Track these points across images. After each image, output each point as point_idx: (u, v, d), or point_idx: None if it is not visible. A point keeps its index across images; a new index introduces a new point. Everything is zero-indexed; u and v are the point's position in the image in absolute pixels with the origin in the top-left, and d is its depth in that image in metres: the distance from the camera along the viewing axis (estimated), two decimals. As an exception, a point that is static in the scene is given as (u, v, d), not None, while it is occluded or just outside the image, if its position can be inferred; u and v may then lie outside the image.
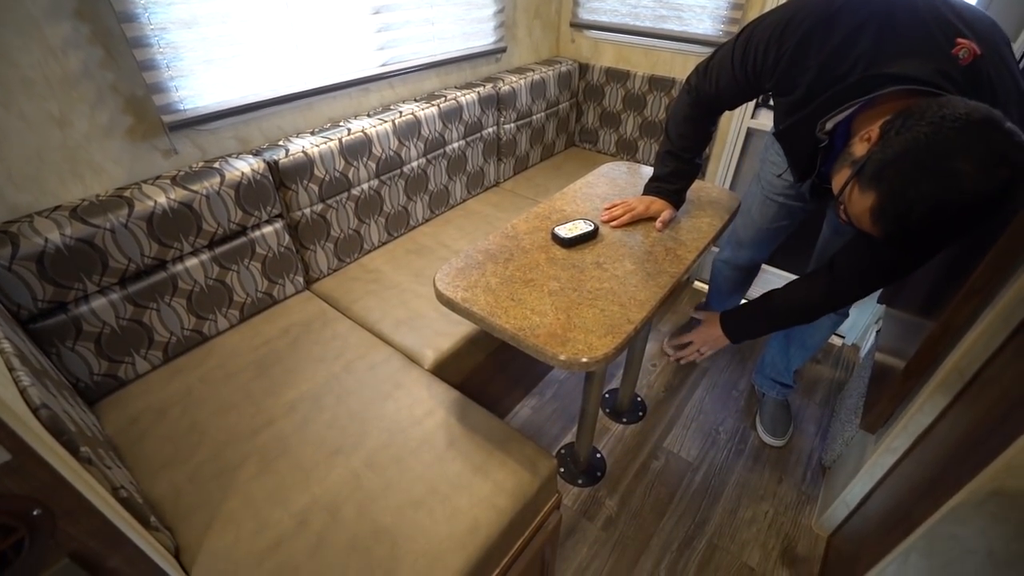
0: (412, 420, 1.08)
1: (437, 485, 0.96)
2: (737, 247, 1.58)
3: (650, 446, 1.62)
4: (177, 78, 1.16)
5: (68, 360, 1.07)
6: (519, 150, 2.09)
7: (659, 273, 1.02)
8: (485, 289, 0.97)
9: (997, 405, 0.78)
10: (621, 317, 0.90)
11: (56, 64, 1.00)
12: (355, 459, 1.00)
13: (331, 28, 1.44)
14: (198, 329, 1.26)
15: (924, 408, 1.01)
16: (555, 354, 0.83)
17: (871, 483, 1.19)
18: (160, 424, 1.08)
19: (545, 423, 1.68)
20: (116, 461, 0.92)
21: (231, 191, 1.21)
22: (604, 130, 2.28)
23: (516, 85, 1.93)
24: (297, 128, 1.46)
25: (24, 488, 0.59)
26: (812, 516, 1.44)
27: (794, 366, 1.58)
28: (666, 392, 1.80)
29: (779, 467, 1.57)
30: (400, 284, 1.49)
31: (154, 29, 1.09)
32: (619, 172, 1.45)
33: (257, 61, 1.30)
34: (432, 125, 1.66)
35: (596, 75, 2.19)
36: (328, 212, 1.45)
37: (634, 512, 1.44)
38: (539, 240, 1.12)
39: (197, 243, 1.20)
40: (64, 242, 1.00)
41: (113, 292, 1.10)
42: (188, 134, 1.23)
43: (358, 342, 1.28)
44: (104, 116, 1.09)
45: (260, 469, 0.98)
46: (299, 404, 1.11)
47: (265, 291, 1.37)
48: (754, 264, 1.65)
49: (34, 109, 0.99)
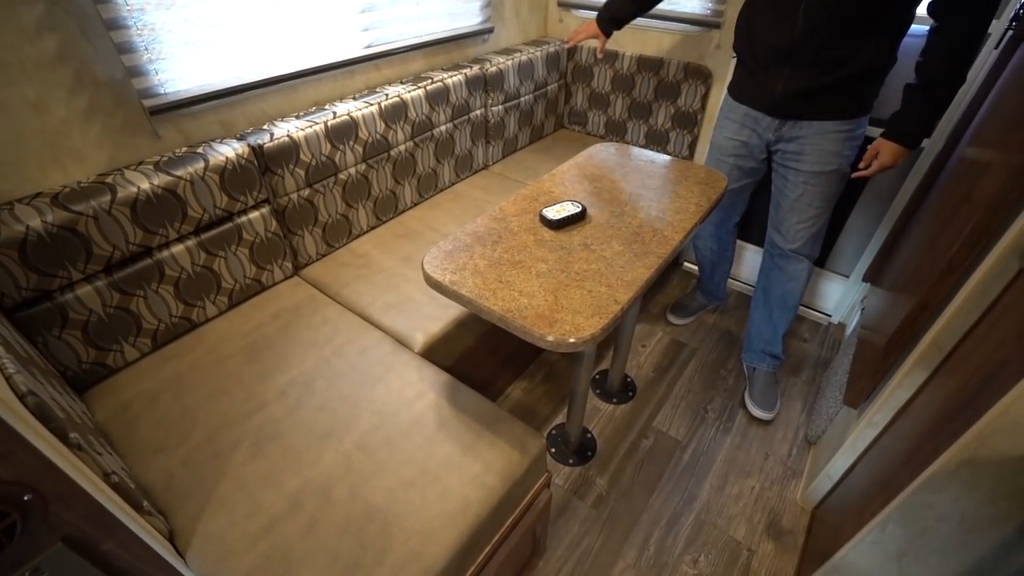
0: (403, 403, 1.09)
1: (428, 465, 0.97)
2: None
3: (640, 425, 1.65)
4: (157, 61, 1.14)
5: (55, 348, 1.07)
6: (507, 132, 2.08)
7: (646, 254, 1.03)
8: (473, 272, 0.97)
9: (972, 378, 0.81)
10: (608, 298, 0.91)
11: (30, 47, 0.98)
12: (346, 442, 1.01)
13: (315, 9, 1.41)
14: (187, 316, 1.26)
15: (904, 383, 1.03)
16: (543, 335, 0.84)
17: (853, 457, 1.22)
18: (152, 410, 1.08)
19: (536, 404, 1.70)
20: (107, 448, 0.92)
21: (215, 176, 1.20)
22: (593, 111, 2.27)
23: (504, 66, 1.91)
24: (282, 112, 1.44)
25: (13, 474, 0.59)
26: (797, 490, 1.48)
27: (781, 331, 1.64)
28: (656, 372, 1.83)
29: (765, 444, 1.60)
30: (389, 268, 1.49)
31: (131, 10, 1.06)
32: (608, 153, 1.45)
33: (239, 43, 1.28)
34: (419, 108, 1.64)
35: (584, 56, 2.17)
36: (315, 197, 1.44)
37: (624, 490, 1.47)
38: (527, 222, 1.12)
39: (183, 229, 1.19)
40: (46, 229, 0.99)
41: (98, 279, 1.09)
42: (170, 118, 1.21)
43: (348, 326, 1.29)
44: (82, 101, 1.07)
45: (252, 453, 0.99)
46: (290, 388, 1.12)
47: (253, 277, 1.37)
48: (727, 228, 1.74)
49: (9, 94, 0.98)
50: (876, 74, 1.24)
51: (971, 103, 1.32)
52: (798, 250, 1.50)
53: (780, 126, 1.37)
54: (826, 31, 1.17)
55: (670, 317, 2.03)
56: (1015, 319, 0.75)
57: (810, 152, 1.35)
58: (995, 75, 1.24)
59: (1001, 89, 1.16)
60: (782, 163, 1.44)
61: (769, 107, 1.36)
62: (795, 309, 1.61)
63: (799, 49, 1.22)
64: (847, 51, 1.19)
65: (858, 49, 1.18)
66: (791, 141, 1.37)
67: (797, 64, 1.25)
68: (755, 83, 1.37)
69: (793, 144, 1.37)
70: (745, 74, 1.41)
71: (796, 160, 1.39)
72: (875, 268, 1.64)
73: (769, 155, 1.48)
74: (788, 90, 1.29)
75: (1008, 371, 0.70)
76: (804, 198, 1.42)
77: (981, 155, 1.05)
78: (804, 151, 1.36)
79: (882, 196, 1.74)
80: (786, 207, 1.47)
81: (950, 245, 0.95)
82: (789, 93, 1.29)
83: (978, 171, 1.02)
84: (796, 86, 1.27)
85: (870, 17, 1.14)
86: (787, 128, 1.36)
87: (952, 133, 1.38)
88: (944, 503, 0.79)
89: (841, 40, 1.18)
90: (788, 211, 1.47)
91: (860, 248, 1.86)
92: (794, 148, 1.38)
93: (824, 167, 1.35)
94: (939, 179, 1.38)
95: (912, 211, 1.49)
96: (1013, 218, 0.82)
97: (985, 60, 1.37)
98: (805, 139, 1.35)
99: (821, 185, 1.38)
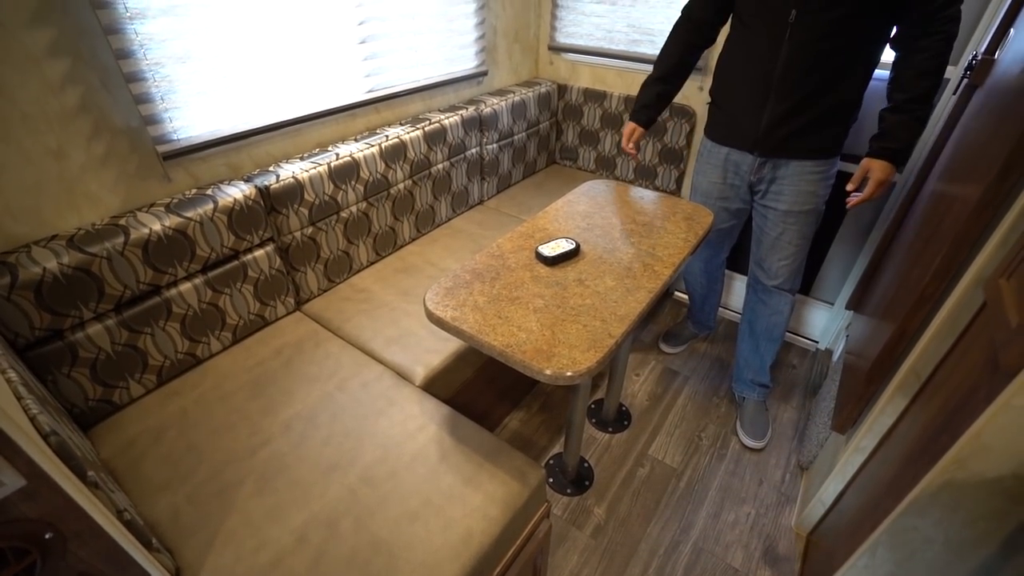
0: (405, 435, 1.12)
1: (431, 497, 1.00)
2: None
3: (636, 454, 1.67)
4: (171, 110, 1.20)
5: (63, 386, 1.09)
6: (502, 169, 2.16)
7: (638, 288, 1.08)
8: (473, 308, 1.02)
9: (947, 403, 0.85)
10: (603, 332, 0.96)
11: (54, 100, 1.03)
12: (351, 475, 1.03)
13: (319, 58, 1.49)
14: (192, 352, 1.29)
15: (886, 409, 1.08)
16: (541, 369, 0.88)
17: (844, 482, 1.26)
18: (157, 446, 1.10)
19: (533, 434, 1.72)
20: (114, 484, 0.94)
21: (224, 216, 1.25)
22: (583, 148, 2.37)
23: (498, 107, 2.00)
24: (286, 154, 1.51)
25: (37, 512, 0.62)
26: (792, 516, 1.50)
27: (768, 361, 1.68)
28: (650, 401, 1.86)
29: (759, 470, 1.63)
30: (390, 303, 1.53)
31: (149, 64, 1.13)
32: (599, 190, 1.52)
33: (248, 91, 1.35)
34: (417, 147, 1.71)
35: (574, 95, 2.28)
36: (318, 234, 1.49)
37: (622, 519, 1.48)
38: (524, 259, 1.17)
39: (191, 268, 1.23)
40: (62, 271, 1.02)
41: (108, 318, 1.12)
42: (181, 162, 1.27)
43: (350, 361, 1.32)
44: (100, 147, 1.12)
45: (258, 488, 1.01)
46: (294, 423, 1.14)
47: (257, 313, 1.40)
48: (715, 263, 1.81)
49: (33, 143, 1.03)
50: (849, 113, 1.31)
51: (936, 141, 1.41)
52: (780, 286, 1.56)
53: (761, 166, 1.43)
54: (808, 62, 1.24)
55: (662, 346, 2.08)
56: (982, 348, 0.80)
57: (789, 192, 1.41)
58: (956, 115, 1.33)
59: (960, 132, 1.25)
60: (762, 203, 1.49)
61: (752, 146, 1.41)
62: (781, 340, 1.66)
63: (781, 82, 1.28)
64: (828, 85, 1.25)
65: (835, 87, 1.25)
66: (772, 182, 1.44)
67: (779, 98, 1.30)
68: (737, 124, 1.43)
69: (774, 184, 1.44)
70: (725, 116, 1.47)
71: (776, 200, 1.45)
72: (857, 296, 1.70)
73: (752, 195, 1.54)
74: (770, 128, 1.34)
75: (978, 397, 0.75)
76: (784, 236, 1.48)
77: (947, 190, 1.13)
78: (783, 191, 1.42)
79: (860, 227, 1.83)
80: (767, 245, 1.53)
81: (922, 276, 1.01)
82: (771, 131, 1.35)
83: (944, 206, 1.09)
84: (777, 124, 1.33)
85: (847, 55, 1.22)
86: (767, 169, 1.42)
87: (921, 169, 1.47)
88: (929, 526, 0.82)
89: (824, 73, 1.24)
90: (769, 249, 1.53)
91: (843, 277, 1.94)
92: (774, 188, 1.44)
93: (802, 206, 1.42)
94: (911, 211, 1.46)
95: (889, 242, 1.57)
96: (977, 252, 0.89)
97: (946, 104, 1.47)
98: (784, 179, 1.41)
99: (799, 224, 1.45)
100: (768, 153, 1.40)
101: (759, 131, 1.36)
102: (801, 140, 1.34)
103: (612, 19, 2.07)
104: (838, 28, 1.18)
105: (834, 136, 1.34)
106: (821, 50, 1.21)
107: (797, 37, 1.22)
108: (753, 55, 1.32)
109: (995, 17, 1.31)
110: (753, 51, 1.32)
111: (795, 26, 1.21)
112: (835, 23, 1.18)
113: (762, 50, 1.29)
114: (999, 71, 1.11)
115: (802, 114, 1.30)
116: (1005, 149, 0.81)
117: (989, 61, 1.20)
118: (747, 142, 1.42)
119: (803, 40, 1.22)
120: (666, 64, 1.50)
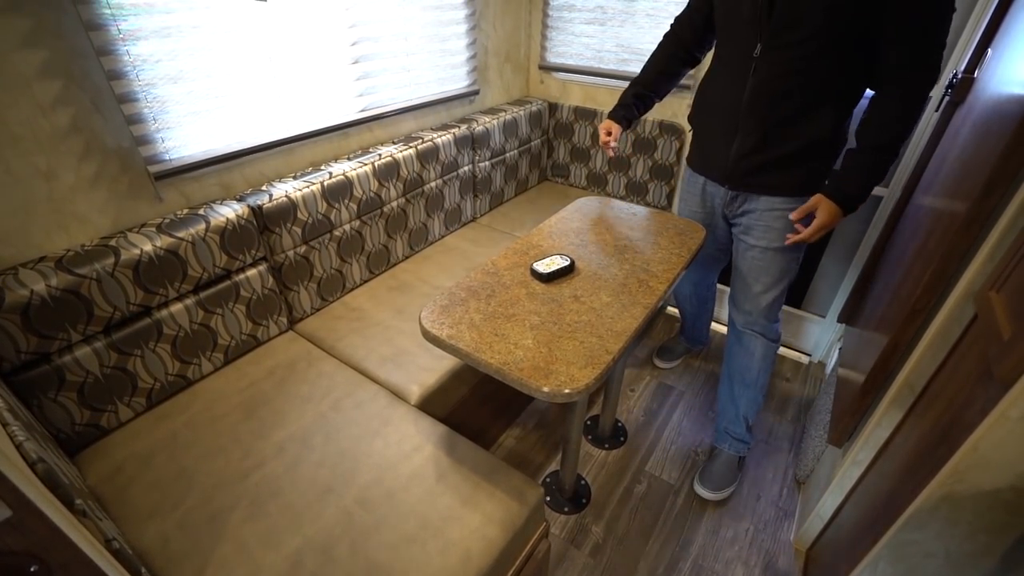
0: (401, 456, 1.10)
1: (429, 519, 0.98)
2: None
3: (633, 470, 1.66)
4: (163, 130, 1.20)
5: (49, 411, 1.06)
6: (494, 186, 2.17)
7: (633, 304, 1.09)
8: (469, 325, 1.01)
9: (942, 416, 0.86)
10: (600, 348, 0.96)
11: (45, 121, 1.03)
12: (347, 497, 1.01)
13: (312, 78, 1.50)
14: (182, 374, 1.26)
15: (882, 422, 1.08)
16: (539, 387, 0.88)
17: (841, 496, 1.25)
18: (146, 472, 1.07)
19: (530, 452, 1.70)
20: (102, 512, 0.91)
21: (216, 236, 1.24)
22: (575, 165, 2.39)
23: (490, 125, 2.02)
24: (279, 173, 1.51)
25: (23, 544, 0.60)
26: (790, 531, 1.49)
27: (742, 412, 1.55)
28: (645, 416, 1.85)
29: (756, 485, 1.62)
30: (383, 321, 1.52)
31: (142, 85, 1.13)
32: (592, 206, 1.53)
33: (241, 111, 1.35)
34: (410, 166, 1.72)
35: (565, 114, 2.31)
36: (311, 253, 1.48)
37: (620, 537, 1.47)
38: (519, 276, 1.18)
39: (182, 288, 1.21)
40: (50, 293, 1.01)
41: (97, 340, 1.10)
42: (173, 182, 1.26)
43: (344, 380, 1.30)
44: (91, 168, 1.11)
45: (251, 512, 0.99)
46: (288, 444, 1.12)
47: (249, 333, 1.39)
48: (706, 284, 1.81)
49: (22, 164, 1.02)
50: (825, 150, 1.23)
51: (921, 156, 1.44)
52: (749, 325, 1.47)
53: (733, 199, 1.38)
54: (772, 98, 1.19)
55: (657, 361, 2.08)
56: (974, 360, 0.81)
57: (758, 227, 1.35)
58: (940, 131, 1.37)
59: (943, 148, 1.27)
60: (736, 236, 1.45)
61: (721, 177, 1.37)
62: (757, 388, 1.52)
63: (747, 116, 1.23)
64: (795, 122, 1.19)
65: (806, 121, 1.19)
66: (743, 215, 1.38)
67: (745, 132, 1.25)
68: (709, 154, 1.39)
69: (744, 218, 1.39)
70: (699, 145, 1.44)
71: (746, 234, 1.39)
72: (848, 310, 1.72)
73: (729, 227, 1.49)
74: (739, 159, 1.29)
75: (973, 410, 0.75)
76: (752, 272, 1.41)
77: (934, 205, 1.15)
78: (753, 226, 1.36)
79: (848, 241, 1.85)
80: (739, 280, 1.46)
81: (913, 290, 1.03)
82: (738, 163, 1.29)
83: (932, 221, 1.11)
84: (745, 155, 1.27)
85: (815, 92, 1.15)
86: (739, 202, 1.37)
87: (908, 182, 1.50)
88: (929, 540, 0.82)
89: (788, 109, 1.19)
90: (740, 284, 1.46)
91: (834, 289, 1.96)
92: (745, 222, 1.39)
93: (771, 243, 1.35)
94: (900, 224, 1.48)
95: (878, 255, 1.59)
96: (966, 266, 0.90)
97: (929, 120, 1.51)
98: (753, 213, 1.35)
99: (767, 261, 1.37)
100: (738, 187, 1.35)
101: (728, 163, 1.32)
102: (769, 175, 1.28)
103: (601, 39, 2.11)
104: (804, 65, 1.13)
105: (808, 172, 1.25)
106: (788, 86, 1.16)
107: (762, 72, 1.18)
108: (723, 86, 1.29)
109: (973, 37, 1.35)
110: (723, 82, 1.29)
111: (760, 60, 1.17)
112: (801, 60, 1.12)
113: (729, 82, 1.25)
114: (979, 89, 1.14)
115: (770, 149, 1.24)
116: (988, 166, 0.83)
117: (969, 80, 1.23)
118: (719, 173, 1.38)
119: (767, 76, 1.17)
120: (647, 70, 1.50)
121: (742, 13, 1.18)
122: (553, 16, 2.19)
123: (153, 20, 1.12)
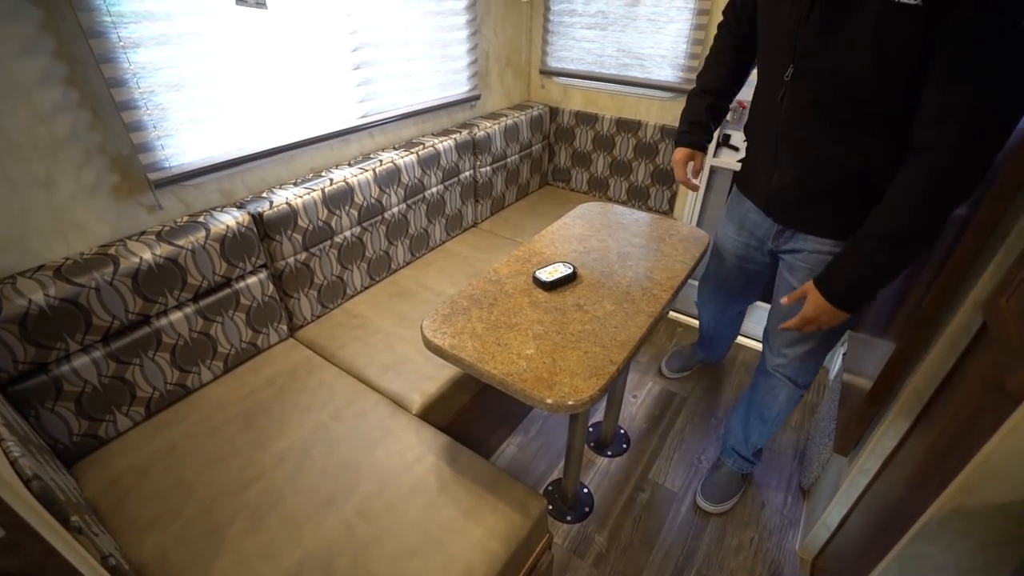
0: (403, 466, 1.09)
1: (431, 532, 0.96)
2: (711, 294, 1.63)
3: (635, 478, 1.64)
4: (163, 137, 1.19)
5: (47, 421, 1.05)
6: (495, 191, 2.16)
7: (637, 313, 1.08)
8: (472, 335, 1.00)
9: (951, 426, 0.85)
10: (604, 358, 0.94)
11: (44, 128, 1.02)
12: (348, 509, 1.00)
13: (313, 84, 1.49)
14: (181, 383, 1.25)
15: (889, 431, 1.07)
16: (542, 398, 0.86)
17: (848, 505, 1.24)
18: (143, 483, 1.06)
19: (531, 460, 1.69)
20: (99, 526, 0.90)
21: (216, 244, 1.23)
22: (576, 169, 2.38)
23: (491, 130, 2.02)
24: (280, 179, 1.50)
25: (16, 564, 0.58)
26: (795, 540, 1.48)
27: (752, 440, 1.48)
28: (648, 423, 1.84)
29: (761, 493, 1.61)
30: (384, 329, 1.51)
31: (142, 92, 1.12)
32: (593, 213, 1.53)
33: (241, 118, 1.34)
34: (411, 172, 1.71)
35: (566, 118, 2.30)
36: (312, 260, 1.47)
37: (624, 547, 1.45)
38: (521, 284, 1.16)
39: (182, 297, 1.20)
40: (48, 302, 1.00)
41: (95, 350, 1.09)
42: (173, 189, 1.25)
43: (345, 389, 1.29)
44: (90, 176, 1.11)
45: (251, 524, 0.97)
46: (288, 455, 1.11)
47: (249, 341, 1.38)
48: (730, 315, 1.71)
49: (20, 172, 1.01)
50: (877, 187, 0.94)
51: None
52: (779, 369, 1.30)
53: (780, 233, 1.20)
54: (808, 132, 1.01)
55: (665, 371, 2.02)
56: (983, 369, 0.80)
57: (802, 270, 1.16)
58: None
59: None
60: (780, 271, 1.27)
61: (765, 205, 1.19)
62: (771, 424, 1.42)
63: (784, 147, 1.06)
64: (837, 157, 1.00)
65: (850, 157, 0.98)
66: (788, 253, 1.21)
67: (785, 162, 1.08)
68: (755, 174, 1.21)
69: (789, 256, 1.21)
70: (748, 163, 1.27)
71: (790, 272, 1.21)
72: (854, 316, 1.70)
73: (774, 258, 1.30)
74: (779, 188, 1.12)
75: (984, 421, 0.74)
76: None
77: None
78: (797, 267, 1.18)
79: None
80: (775, 319, 1.29)
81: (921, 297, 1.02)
82: (780, 192, 1.12)
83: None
84: (785, 187, 1.10)
85: (861, 125, 0.95)
86: (785, 237, 1.19)
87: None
88: (939, 552, 0.81)
89: (828, 144, 0.99)
90: (775, 320, 1.27)
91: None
92: (789, 260, 1.21)
93: None
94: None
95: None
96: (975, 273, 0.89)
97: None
98: (800, 254, 1.16)
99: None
100: (780, 219, 1.18)
101: (770, 189, 1.14)
102: (811, 210, 1.10)
103: (602, 44, 2.10)
104: (843, 94, 0.93)
105: (858, 214, 0.97)
106: (826, 116, 0.97)
107: (793, 98, 1.00)
108: (762, 106, 1.14)
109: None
110: (762, 101, 1.13)
111: (791, 84, 0.99)
112: (839, 89, 0.93)
113: (767, 103, 1.09)
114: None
115: (812, 181, 1.06)
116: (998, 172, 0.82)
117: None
118: (761, 198, 1.20)
119: (802, 103, 0.99)
120: (714, 73, 1.28)
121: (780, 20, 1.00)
122: (554, 21, 2.19)
123: (154, 27, 1.11)
